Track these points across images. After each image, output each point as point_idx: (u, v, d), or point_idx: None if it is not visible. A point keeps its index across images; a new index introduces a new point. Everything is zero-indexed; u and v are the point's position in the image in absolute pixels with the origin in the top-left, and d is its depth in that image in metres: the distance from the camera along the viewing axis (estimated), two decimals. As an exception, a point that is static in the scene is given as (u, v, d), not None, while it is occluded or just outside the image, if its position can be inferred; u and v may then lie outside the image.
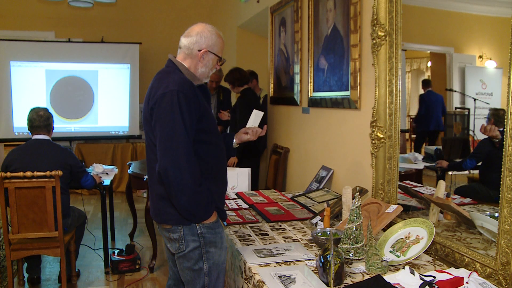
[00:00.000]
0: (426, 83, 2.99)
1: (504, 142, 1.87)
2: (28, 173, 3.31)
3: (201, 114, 2.14)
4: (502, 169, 1.89)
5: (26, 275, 3.97)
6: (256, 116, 2.85)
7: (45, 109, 3.81)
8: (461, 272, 1.91)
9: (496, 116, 2.27)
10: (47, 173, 3.34)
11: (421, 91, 3.03)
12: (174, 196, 2.03)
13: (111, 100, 7.71)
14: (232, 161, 4.69)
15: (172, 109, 2.02)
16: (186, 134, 2.02)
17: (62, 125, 7.28)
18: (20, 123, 7.12)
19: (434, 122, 2.98)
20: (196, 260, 2.17)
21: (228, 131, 5.37)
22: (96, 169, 4.71)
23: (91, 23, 8.10)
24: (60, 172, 3.37)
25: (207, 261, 2.19)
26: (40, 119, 3.69)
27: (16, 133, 7.25)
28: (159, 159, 2.02)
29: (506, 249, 1.87)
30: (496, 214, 1.97)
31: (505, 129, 1.87)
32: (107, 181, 4.36)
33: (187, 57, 2.23)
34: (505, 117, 1.87)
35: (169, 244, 2.24)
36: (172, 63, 2.24)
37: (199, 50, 2.21)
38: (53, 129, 3.83)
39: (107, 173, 4.72)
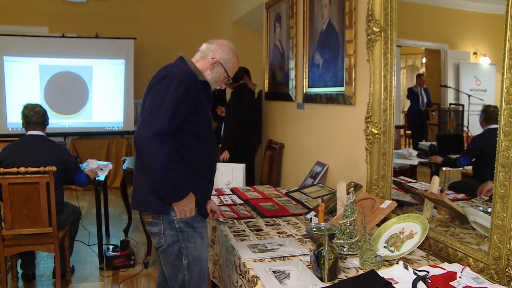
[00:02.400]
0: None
1: (497, 138, 1.88)
2: (22, 169, 3.30)
3: (198, 108, 2.17)
4: (495, 165, 1.90)
5: (20, 271, 3.96)
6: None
7: (40, 105, 3.80)
8: (454, 267, 1.92)
9: (486, 113, 2.29)
10: (41, 169, 3.33)
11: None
12: (147, 168, 2.06)
13: (105, 96, 7.68)
14: (223, 156, 4.69)
15: (168, 89, 2.07)
16: (171, 114, 2.04)
17: (56, 121, 7.24)
18: (13, 119, 7.08)
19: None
20: (176, 255, 2.22)
21: (222, 127, 5.38)
22: (90, 164, 4.70)
23: (86, 18, 8.05)
24: (54, 168, 3.36)
25: (186, 256, 2.23)
26: (37, 116, 3.68)
27: (10, 129, 7.21)
28: (137, 127, 2.05)
29: (499, 244, 1.88)
30: (489, 210, 1.98)
31: (498, 125, 1.88)
32: (101, 177, 4.35)
33: (200, 60, 2.33)
34: (499, 113, 1.87)
35: (152, 238, 2.30)
36: (182, 59, 2.30)
37: (212, 58, 2.30)
38: (47, 125, 3.82)
39: (101, 169, 4.71)
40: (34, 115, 3.67)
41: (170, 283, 2.31)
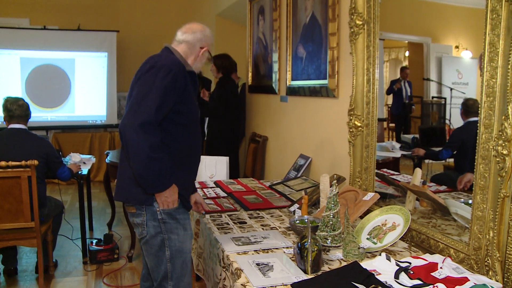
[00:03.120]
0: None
1: (478, 131, 1.91)
2: (3, 163, 3.25)
3: (185, 97, 2.18)
4: (475, 157, 1.92)
5: (1, 266, 3.92)
6: None
7: (22, 99, 3.76)
8: (436, 258, 1.94)
9: (465, 106, 2.32)
10: (23, 163, 3.28)
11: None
12: (131, 158, 2.05)
13: (88, 89, 7.61)
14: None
15: (155, 79, 2.06)
16: (158, 103, 2.03)
17: (38, 114, 7.16)
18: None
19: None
20: (159, 246, 2.22)
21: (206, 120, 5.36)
22: (73, 158, 4.65)
23: (67, 10, 7.94)
24: (36, 162, 3.32)
25: (169, 248, 2.23)
26: (21, 109, 3.64)
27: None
28: (123, 116, 2.05)
29: (479, 235, 1.91)
30: (470, 201, 2.00)
31: (478, 118, 1.90)
32: (84, 171, 4.31)
33: (188, 51, 2.31)
34: (479, 106, 1.90)
35: (135, 229, 2.29)
36: (168, 49, 2.30)
37: (202, 47, 2.33)
38: (30, 118, 3.78)
39: (84, 163, 4.67)
40: (18, 109, 3.62)
41: (153, 274, 2.30)
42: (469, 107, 2.25)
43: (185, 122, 2.20)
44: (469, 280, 1.71)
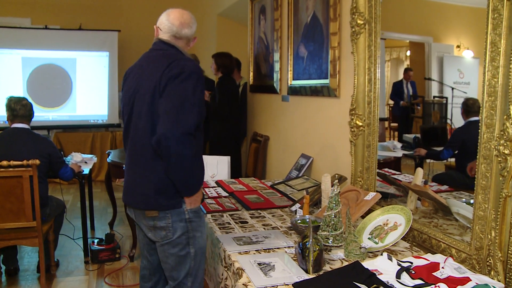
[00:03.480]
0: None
1: (479, 130, 1.90)
2: (5, 163, 3.25)
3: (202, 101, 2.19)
4: (477, 157, 1.92)
5: (3, 266, 3.93)
6: None
7: (25, 98, 3.77)
8: (437, 258, 1.94)
9: (466, 106, 2.32)
10: (24, 162, 3.29)
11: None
12: (173, 166, 2.02)
13: (89, 89, 7.61)
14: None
15: (188, 86, 2.04)
16: (196, 112, 2.03)
17: (40, 114, 7.15)
18: (-4, 112, 6.99)
19: None
20: (184, 245, 2.21)
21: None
22: (75, 158, 4.66)
23: (69, 9, 7.95)
24: (37, 161, 3.32)
25: (194, 245, 2.23)
26: (24, 109, 3.64)
27: (-8, 122, 7.13)
28: (163, 127, 1.98)
29: (480, 235, 1.91)
30: (472, 201, 2.00)
31: (480, 118, 1.90)
32: (86, 170, 4.32)
33: (185, 46, 2.31)
34: (480, 105, 1.90)
35: (152, 233, 2.23)
36: (175, 48, 2.25)
37: (194, 39, 2.36)
38: (33, 118, 3.78)
39: (86, 162, 4.68)
40: (21, 109, 3.63)
41: (171, 273, 2.27)
42: (470, 107, 2.25)
43: (200, 125, 2.20)
44: (471, 280, 1.71)
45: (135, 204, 2.25)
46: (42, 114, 7.30)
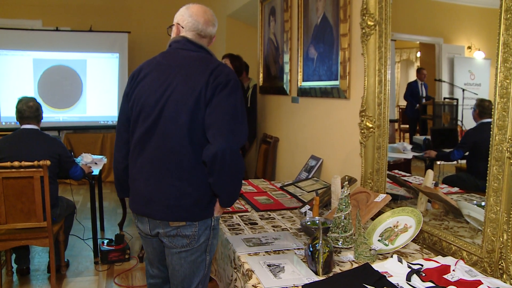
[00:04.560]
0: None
1: (491, 132, 1.89)
2: (16, 163, 3.28)
3: None
4: (489, 159, 1.91)
5: (14, 266, 3.95)
6: None
7: (34, 99, 3.78)
8: (448, 260, 1.93)
9: (481, 107, 2.30)
10: (35, 163, 3.31)
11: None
12: (226, 179, 1.95)
13: (99, 90, 7.65)
14: None
15: (236, 98, 1.98)
16: (245, 121, 1.99)
17: (50, 115, 7.20)
18: (7, 113, 7.04)
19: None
20: (202, 252, 2.13)
21: None
22: (85, 159, 4.68)
23: (79, 11, 8.00)
24: (48, 162, 3.35)
25: (210, 252, 2.18)
26: (30, 110, 3.66)
27: (4, 123, 7.17)
28: (219, 141, 1.88)
29: (492, 237, 1.90)
30: (483, 203, 1.99)
31: (492, 119, 1.88)
32: (96, 171, 4.34)
33: (206, 43, 2.21)
34: (492, 107, 1.88)
35: (169, 239, 2.10)
36: (205, 49, 2.15)
37: (213, 37, 2.25)
38: (42, 119, 3.80)
39: (96, 163, 4.70)
40: (27, 110, 3.65)
41: (184, 281, 2.16)
42: (486, 108, 2.22)
43: None
44: (482, 283, 1.70)
45: (160, 216, 2.06)
46: (53, 115, 7.35)
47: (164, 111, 2.00)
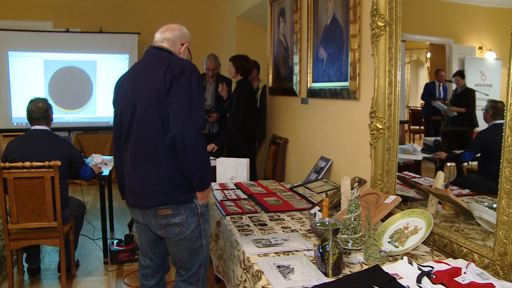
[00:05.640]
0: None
1: (503, 133, 1.88)
2: (27, 163, 3.31)
3: None
4: (501, 160, 1.89)
5: (25, 265, 3.98)
6: None
7: (44, 100, 3.80)
8: (459, 263, 1.91)
9: (495, 109, 2.28)
10: (46, 163, 3.33)
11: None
12: (189, 161, 2.14)
13: (110, 91, 7.58)
14: (211, 147, 4.65)
15: (192, 83, 2.19)
16: (202, 108, 2.21)
17: (60, 116, 7.24)
18: (18, 114, 7.09)
19: None
20: (196, 238, 2.35)
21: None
22: (95, 159, 4.71)
23: (90, 13, 8.04)
24: (58, 162, 3.37)
25: (205, 237, 2.40)
26: (39, 111, 3.68)
27: (15, 124, 7.23)
28: (177, 125, 2.11)
29: (504, 240, 1.88)
30: (495, 205, 1.97)
31: (504, 120, 1.87)
32: (106, 172, 4.36)
33: (171, 48, 2.44)
34: (505, 108, 1.87)
35: (163, 230, 2.33)
36: (166, 50, 2.41)
37: (182, 44, 2.50)
38: (52, 120, 3.82)
39: (105, 164, 4.72)
40: (36, 111, 3.68)
41: (183, 266, 2.40)
42: (499, 110, 2.20)
43: None
44: (494, 287, 1.68)
45: (145, 204, 2.30)
46: (63, 116, 7.39)
47: (136, 108, 2.27)
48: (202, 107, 2.20)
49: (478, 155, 2.49)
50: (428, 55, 3.02)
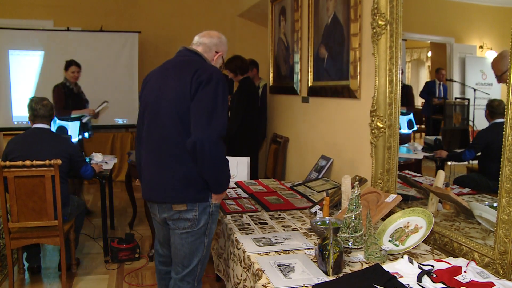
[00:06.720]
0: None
1: (503, 132, 1.87)
2: (28, 162, 3.30)
3: None
4: (501, 159, 1.89)
5: (26, 264, 3.98)
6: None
7: (47, 99, 3.81)
8: (459, 261, 1.91)
9: (491, 107, 2.28)
10: (47, 162, 3.33)
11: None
12: (208, 167, 2.21)
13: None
14: None
15: (218, 92, 2.23)
16: (225, 116, 2.25)
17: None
18: (19, 112, 7.08)
19: None
20: (201, 235, 2.39)
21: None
22: (95, 158, 4.71)
23: (90, 11, 8.03)
24: (59, 161, 3.37)
25: (208, 236, 2.44)
26: (45, 109, 3.68)
27: (15, 122, 7.21)
28: (198, 132, 2.17)
29: (504, 239, 1.88)
30: (495, 204, 1.97)
31: (504, 119, 1.87)
32: (106, 171, 4.36)
33: (205, 53, 2.46)
34: (505, 107, 1.87)
35: (173, 221, 2.38)
36: (198, 55, 2.44)
37: (217, 52, 2.52)
38: (54, 118, 3.83)
39: (106, 162, 4.72)
40: (42, 108, 3.67)
41: (183, 260, 2.43)
42: (495, 108, 2.21)
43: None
44: (495, 285, 1.68)
45: (162, 199, 2.36)
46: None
47: (159, 105, 2.32)
48: (224, 115, 2.23)
49: (479, 154, 2.49)
50: (429, 54, 3.02)
